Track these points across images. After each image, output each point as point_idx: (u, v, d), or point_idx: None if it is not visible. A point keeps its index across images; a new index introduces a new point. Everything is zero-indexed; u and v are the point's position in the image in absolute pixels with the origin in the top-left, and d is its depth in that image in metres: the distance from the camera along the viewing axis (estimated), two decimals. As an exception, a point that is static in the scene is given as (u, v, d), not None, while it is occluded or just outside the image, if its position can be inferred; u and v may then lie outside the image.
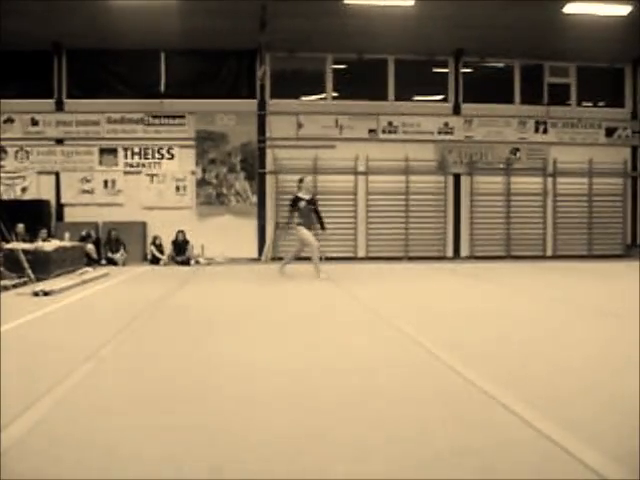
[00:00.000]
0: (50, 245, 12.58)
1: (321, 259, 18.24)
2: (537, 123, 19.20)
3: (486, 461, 2.61)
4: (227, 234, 17.86)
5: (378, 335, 5.71)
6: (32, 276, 10.61)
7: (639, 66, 19.44)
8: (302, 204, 11.69)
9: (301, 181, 12.13)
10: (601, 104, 19.99)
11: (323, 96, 19.03)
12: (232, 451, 2.74)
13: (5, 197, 17.57)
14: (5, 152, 17.83)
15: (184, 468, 2.54)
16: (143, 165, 18.23)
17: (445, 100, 19.23)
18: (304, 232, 11.67)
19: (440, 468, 2.55)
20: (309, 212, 11.79)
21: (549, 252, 19.13)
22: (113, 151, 18.15)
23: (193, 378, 4.09)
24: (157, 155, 18.25)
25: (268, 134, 18.53)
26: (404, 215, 18.71)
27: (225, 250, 17.63)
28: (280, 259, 18.13)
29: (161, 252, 16.93)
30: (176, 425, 3.08)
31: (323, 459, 2.65)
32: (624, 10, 15.85)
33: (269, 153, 18.58)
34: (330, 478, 2.48)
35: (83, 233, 16.05)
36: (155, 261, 16.70)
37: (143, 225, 17.99)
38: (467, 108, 19.00)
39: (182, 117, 18.29)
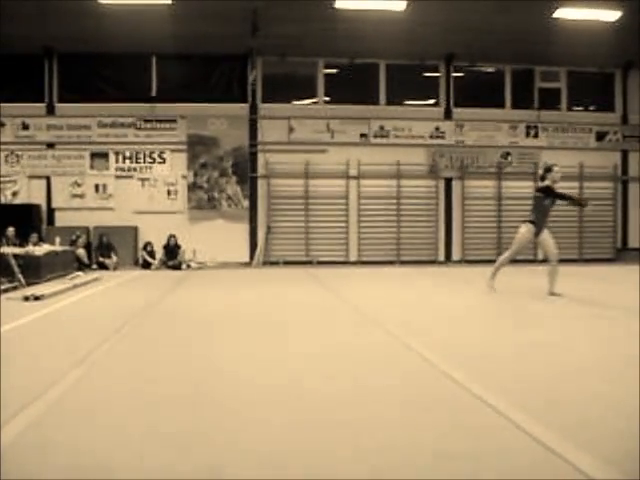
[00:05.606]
0: (41, 249, 12.53)
1: (311, 262, 18.43)
2: (528, 127, 19.29)
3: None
4: (219, 238, 17.83)
5: (369, 340, 5.71)
6: (23, 281, 10.56)
7: (629, 71, 19.57)
8: (549, 199, 9.18)
9: (549, 170, 9.13)
10: (592, 108, 20.12)
11: (315, 100, 19.06)
12: (230, 451, 2.73)
13: (-4, 201, 17.51)
14: (-4, 156, 17.76)
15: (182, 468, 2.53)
16: (134, 169, 18.18)
17: (436, 104, 19.31)
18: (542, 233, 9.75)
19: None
20: (549, 211, 9.52)
21: (540, 256, 19.14)
22: (104, 155, 18.10)
23: (181, 383, 4.07)
24: (148, 159, 18.21)
25: (260, 138, 18.55)
26: (395, 219, 18.74)
27: (216, 254, 17.60)
28: (271, 263, 18.20)
29: (152, 257, 16.88)
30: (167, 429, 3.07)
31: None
32: (613, 15, 15.97)
33: (260, 157, 18.58)
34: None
35: (73, 237, 15.96)
36: (146, 266, 16.65)
37: (134, 229, 17.92)
38: (458, 112, 19.07)
39: (174, 121, 18.27)
